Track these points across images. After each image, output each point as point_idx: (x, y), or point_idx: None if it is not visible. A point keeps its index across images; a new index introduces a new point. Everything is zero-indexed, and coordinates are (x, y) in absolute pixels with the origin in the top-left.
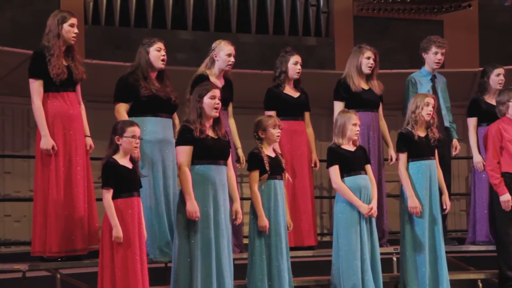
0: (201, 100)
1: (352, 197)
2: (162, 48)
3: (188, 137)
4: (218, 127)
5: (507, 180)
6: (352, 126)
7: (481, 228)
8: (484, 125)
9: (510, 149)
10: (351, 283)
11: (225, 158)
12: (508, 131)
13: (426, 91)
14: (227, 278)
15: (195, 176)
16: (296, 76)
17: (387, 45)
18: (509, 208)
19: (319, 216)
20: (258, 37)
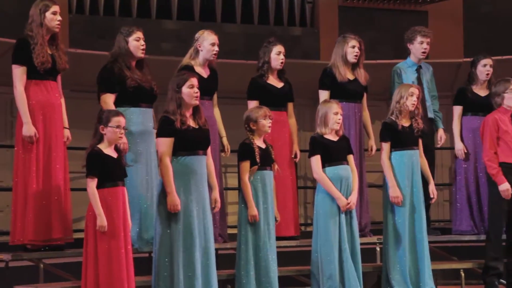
0: (179, 90)
1: (332, 188)
2: (141, 37)
3: (170, 129)
4: (199, 116)
5: (505, 170)
6: (333, 115)
7: (464, 218)
8: (469, 115)
9: (507, 139)
10: (329, 273)
11: (206, 147)
12: (504, 121)
13: (411, 81)
14: (211, 268)
15: (177, 167)
16: (279, 66)
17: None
18: (509, 197)
19: (303, 206)
20: (243, 27)
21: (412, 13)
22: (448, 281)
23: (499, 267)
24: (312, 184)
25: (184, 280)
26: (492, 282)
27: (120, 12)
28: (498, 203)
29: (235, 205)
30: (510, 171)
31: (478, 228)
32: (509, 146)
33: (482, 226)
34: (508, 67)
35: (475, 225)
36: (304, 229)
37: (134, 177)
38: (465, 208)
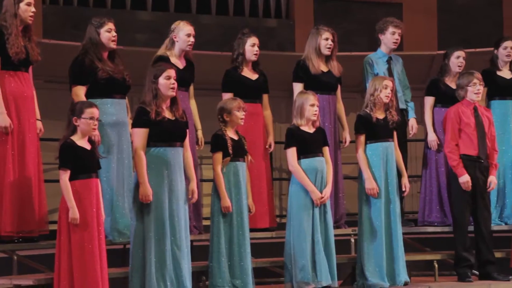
0: (156, 81)
1: (306, 181)
2: (112, 28)
3: (144, 120)
4: (176, 108)
5: (466, 162)
6: (309, 107)
7: (430, 208)
8: (439, 106)
9: (469, 132)
10: (301, 264)
11: (182, 139)
12: (466, 114)
13: (382, 72)
14: (184, 260)
15: (151, 159)
16: (254, 58)
17: (347, 28)
18: (469, 189)
19: (278, 198)
20: (218, 18)
21: (386, 5)
22: (422, 272)
23: (470, 258)
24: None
25: (155, 271)
26: (464, 273)
27: (94, 2)
28: (460, 195)
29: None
30: (471, 164)
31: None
32: (470, 138)
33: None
34: (481, 59)
35: (445, 216)
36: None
37: (107, 169)
38: (435, 199)
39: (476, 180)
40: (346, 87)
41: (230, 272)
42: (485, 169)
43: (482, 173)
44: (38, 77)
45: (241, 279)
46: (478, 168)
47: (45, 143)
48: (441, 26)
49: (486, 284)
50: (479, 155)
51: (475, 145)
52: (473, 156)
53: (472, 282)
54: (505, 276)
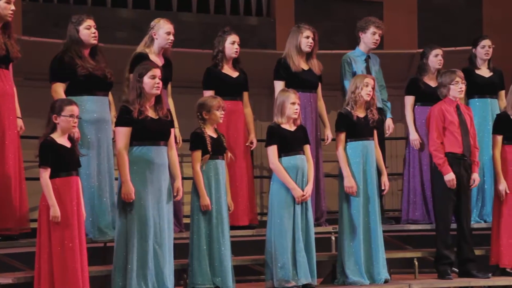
0: (141, 79)
1: (287, 179)
2: (92, 25)
3: (127, 118)
4: (159, 107)
5: (450, 160)
6: (290, 105)
7: (414, 207)
8: (420, 105)
9: (453, 130)
10: (281, 262)
11: (166, 138)
12: (450, 112)
13: (360, 71)
14: (166, 259)
15: (134, 158)
16: (234, 55)
17: (328, 26)
18: (454, 187)
19: (259, 196)
20: (199, 16)
21: (367, 3)
22: (402, 270)
23: (450, 256)
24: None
25: (137, 270)
26: (444, 271)
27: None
28: (444, 193)
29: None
30: (456, 161)
31: (431, 217)
32: (455, 136)
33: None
34: (461, 58)
35: (428, 214)
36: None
37: (87, 166)
38: (419, 197)
39: (460, 177)
40: (327, 85)
41: (211, 270)
42: (469, 166)
43: (466, 170)
44: (18, 75)
45: (221, 277)
46: (463, 165)
47: (26, 141)
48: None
49: (466, 281)
50: (463, 153)
51: (460, 143)
52: (458, 154)
53: (452, 280)
54: (484, 274)
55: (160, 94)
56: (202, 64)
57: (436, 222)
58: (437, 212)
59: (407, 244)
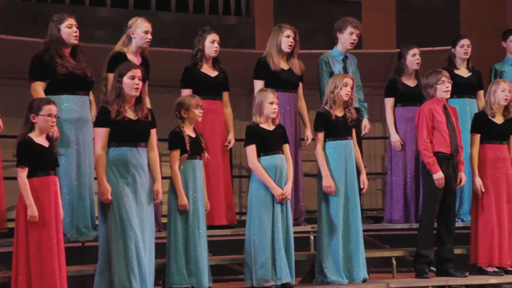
0: (120, 80)
1: (267, 178)
2: (73, 24)
3: (105, 119)
4: (140, 107)
5: (439, 159)
6: (269, 105)
7: (396, 207)
8: (401, 106)
9: (441, 129)
10: (261, 262)
11: (145, 139)
12: (438, 112)
13: (337, 71)
14: (147, 259)
15: (112, 158)
16: (214, 54)
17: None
18: (442, 185)
19: (238, 195)
20: (178, 15)
21: (346, 3)
22: (380, 269)
23: (429, 255)
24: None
25: (119, 270)
26: (422, 270)
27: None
28: (432, 192)
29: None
30: (444, 161)
31: (411, 217)
32: (443, 136)
33: (416, 215)
34: (439, 58)
35: (408, 213)
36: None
37: (67, 166)
38: (401, 197)
39: (448, 177)
40: (306, 85)
41: (187, 270)
42: (456, 166)
43: (454, 170)
44: None
45: (196, 277)
46: (451, 165)
47: (4, 140)
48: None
49: (443, 280)
50: (452, 153)
51: (448, 143)
52: (446, 153)
53: (430, 279)
54: (462, 273)
55: (140, 95)
56: (181, 64)
57: (422, 220)
58: (423, 211)
59: (385, 243)
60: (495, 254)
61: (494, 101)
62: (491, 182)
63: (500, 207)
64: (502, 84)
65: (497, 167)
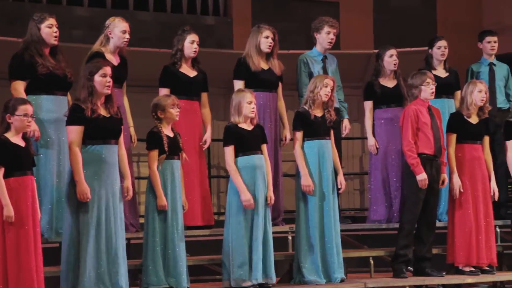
0: (92, 78)
1: (239, 181)
2: (54, 24)
3: (80, 117)
4: (110, 105)
5: (422, 160)
6: (247, 104)
7: (379, 207)
8: (380, 107)
9: (426, 131)
10: (239, 262)
11: (117, 137)
12: (423, 113)
13: (316, 71)
14: (119, 259)
15: (86, 156)
16: (193, 54)
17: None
18: (426, 186)
19: (216, 196)
20: (155, 15)
21: (324, 4)
22: (358, 269)
23: (408, 255)
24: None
25: (91, 270)
26: (400, 269)
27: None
28: (415, 193)
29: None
30: (428, 162)
31: (391, 217)
32: (428, 137)
33: (396, 216)
34: (415, 58)
35: (391, 214)
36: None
37: (45, 166)
38: (381, 197)
39: (432, 178)
40: (285, 85)
41: (165, 271)
42: (439, 167)
43: (437, 171)
44: None
45: (175, 277)
46: (434, 166)
47: None
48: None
49: (420, 280)
50: (435, 154)
51: (432, 144)
52: (429, 155)
53: (407, 278)
54: (439, 272)
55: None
56: (159, 63)
57: (402, 220)
58: (406, 212)
59: (363, 243)
60: (473, 253)
61: (471, 102)
62: (469, 182)
63: (478, 207)
64: (478, 85)
65: (474, 167)
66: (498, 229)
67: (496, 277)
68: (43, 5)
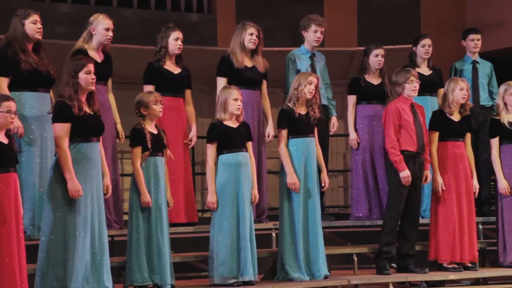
0: (76, 75)
1: (211, 182)
2: (38, 20)
3: (67, 114)
4: (93, 102)
5: (405, 158)
6: (233, 101)
7: (361, 204)
8: (363, 103)
9: (408, 128)
10: (222, 259)
11: (100, 134)
12: (405, 110)
13: (304, 68)
14: (104, 256)
15: (74, 154)
16: (177, 51)
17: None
18: (409, 183)
19: (201, 193)
20: (139, 12)
21: (308, 1)
22: (342, 266)
23: (391, 252)
24: None
25: (77, 268)
26: (383, 266)
27: None
28: (398, 190)
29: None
30: (411, 159)
31: (374, 214)
32: (410, 134)
33: (379, 212)
34: (398, 56)
35: (372, 211)
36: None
37: (28, 163)
38: (362, 194)
39: (414, 175)
40: (269, 82)
41: (149, 267)
42: (422, 164)
43: (420, 168)
44: None
45: (159, 274)
46: (417, 163)
47: None
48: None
49: (403, 276)
50: (418, 151)
51: (415, 141)
52: (412, 152)
53: (390, 275)
54: (422, 269)
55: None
56: (143, 60)
57: (386, 218)
58: (389, 208)
59: (347, 240)
60: (456, 250)
61: (452, 100)
62: (452, 179)
63: (461, 204)
64: (460, 82)
65: (457, 164)
66: (480, 226)
67: (479, 274)
68: (26, 1)
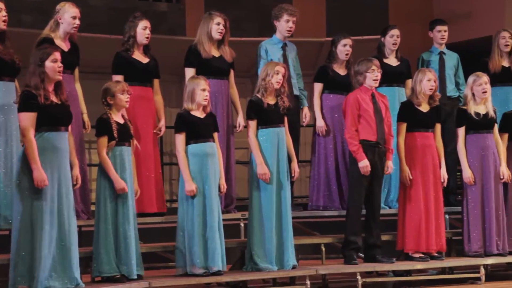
0: (42, 64)
1: (185, 170)
2: (2, 8)
3: (33, 104)
4: (60, 91)
5: (365, 147)
6: (200, 91)
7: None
8: (328, 92)
9: (368, 117)
10: (192, 249)
11: (68, 123)
12: (365, 100)
13: (277, 59)
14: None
15: (40, 143)
16: (145, 41)
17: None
18: (368, 173)
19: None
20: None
21: None
22: (309, 256)
23: (358, 242)
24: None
25: (43, 259)
26: (351, 256)
27: None
28: (358, 179)
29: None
30: (370, 149)
31: (337, 204)
32: (369, 124)
33: (342, 202)
34: (367, 47)
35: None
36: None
37: None
38: (323, 184)
39: (374, 164)
40: (236, 72)
41: (117, 258)
42: (383, 154)
43: (380, 158)
44: None
45: (126, 265)
46: (377, 153)
47: None
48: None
49: (371, 266)
50: (377, 141)
51: (374, 131)
52: (372, 141)
53: (358, 265)
54: (389, 259)
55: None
56: (110, 50)
57: (348, 207)
58: (350, 198)
59: (314, 230)
60: (423, 240)
61: (420, 91)
62: (419, 170)
63: (428, 195)
64: (427, 73)
65: (425, 155)
66: (447, 216)
67: (445, 263)
68: None
